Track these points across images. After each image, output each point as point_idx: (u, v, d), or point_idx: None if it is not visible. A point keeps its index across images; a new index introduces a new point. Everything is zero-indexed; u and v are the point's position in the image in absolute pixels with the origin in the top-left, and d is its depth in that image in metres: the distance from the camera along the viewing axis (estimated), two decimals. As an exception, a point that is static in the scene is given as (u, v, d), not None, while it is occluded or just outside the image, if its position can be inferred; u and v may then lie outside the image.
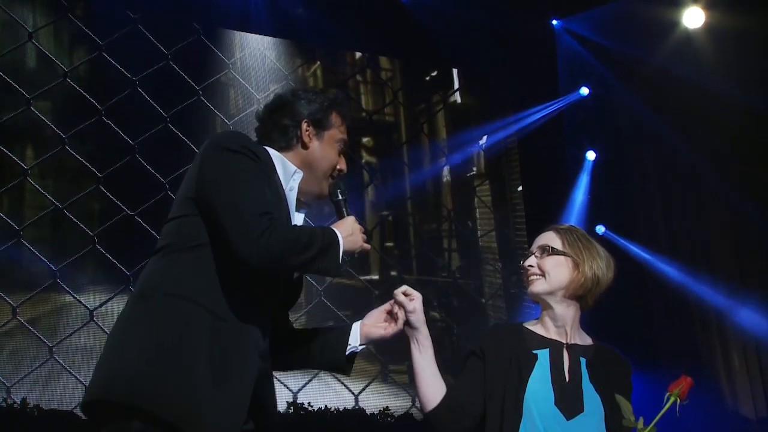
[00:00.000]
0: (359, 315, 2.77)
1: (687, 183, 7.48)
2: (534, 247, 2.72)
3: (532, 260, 2.68)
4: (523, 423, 2.50)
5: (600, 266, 2.63)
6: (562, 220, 7.11)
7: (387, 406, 6.15)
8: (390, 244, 7.34)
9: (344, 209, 2.60)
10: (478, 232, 7.60)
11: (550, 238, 2.70)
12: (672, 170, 7.53)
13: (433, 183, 7.56)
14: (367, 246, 2.53)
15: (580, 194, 7.53)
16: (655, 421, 2.36)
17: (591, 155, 7.63)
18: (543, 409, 2.51)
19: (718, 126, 7.17)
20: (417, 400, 2.70)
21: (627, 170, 7.72)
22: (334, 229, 2.41)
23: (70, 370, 5.01)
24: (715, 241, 7.52)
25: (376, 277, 7.04)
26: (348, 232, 2.44)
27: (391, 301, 2.65)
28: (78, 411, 4.93)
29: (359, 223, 2.54)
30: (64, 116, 5.52)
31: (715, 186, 7.28)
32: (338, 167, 2.63)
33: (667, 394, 2.41)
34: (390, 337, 2.65)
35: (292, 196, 2.53)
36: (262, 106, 2.72)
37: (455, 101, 7.91)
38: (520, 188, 7.72)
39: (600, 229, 7.51)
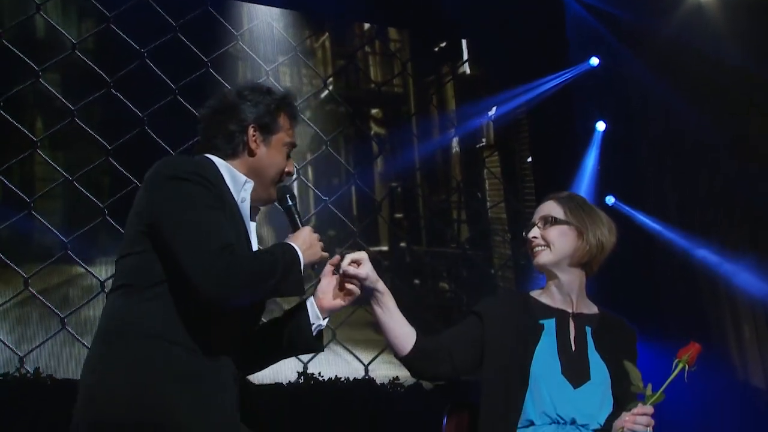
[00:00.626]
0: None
1: (697, 154, 7.46)
2: (536, 218, 2.70)
3: (535, 231, 2.67)
4: (530, 392, 2.52)
5: (603, 232, 2.64)
6: (571, 190, 7.10)
7: (396, 376, 6.17)
8: (399, 215, 7.35)
9: (296, 215, 2.53)
10: (488, 203, 7.63)
11: (551, 207, 2.69)
12: (682, 141, 7.51)
13: (442, 154, 7.57)
14: (326, 254, 2.47)
15: (589, 165, 7.52)
16: (663, 387, 2.38)
17: (601, 126, 7.61)
18: (549, 379, 2.52)
19: (729, 97, 7.14)
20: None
21: (637, 141, 7.71)
22: (293, 245, 2.34)
23: (82, 341, 5.05)
24: (725, 211, 7.52)
25: (385, 248, 7.06)
26: (306, 245, 2.38)
27: (334, 261, 2.57)
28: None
29: (316, 231, 2.48)
30: (73, 88, 5.53)
31: (727, 157, 7.26)
32: (287, 170, 2.53)
33: (676, 360, 2.42)
34: (351, 304, 2.61)
35: (245, 207, 2.42)
36: (204, 107, 2.57)
37: (464, 72, 7.90)
38: (529, 159, 7.73)
39: (610, 200, 7.51)
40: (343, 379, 5.87)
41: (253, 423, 2.43)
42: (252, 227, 2.50)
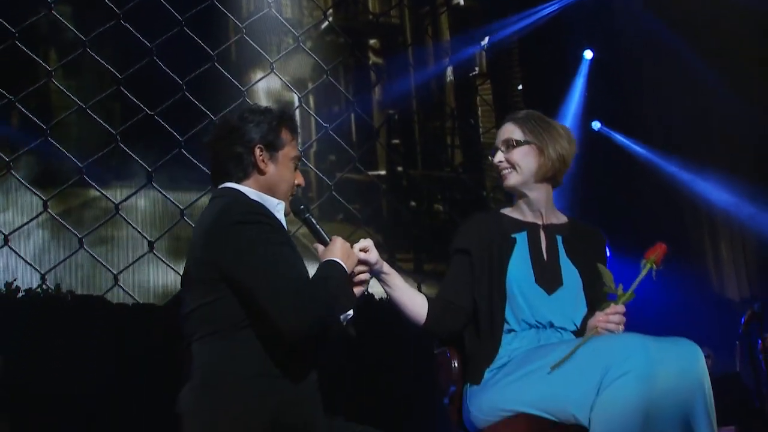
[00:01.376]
0: (367, 208, 2.71)
1: (681, 81, 7.49)
2: (498, 142, 2.67)
3: (499, 156, 2.63)
4: (509, 304, 2.53)
5: (563, 145, 2.61)
6: (559, 116, 7.19)
7: (393, 290, 6.28)
8: (396, 141, 7.44)
9: (317, 226, 2.45)
10: (480, 129, 7.70)
11: (511, 130, 2.64)
12: (667, 69, 7.54)
13: (436, 82, 7.62)
14: (361, 256, 2.45)
15: (577, 92, 7.57)
16: (633, 286, 2.40)
17: (588, 54, 7.64)
18: (525, 289, 2.53)
19: (719, 26, 7.15)
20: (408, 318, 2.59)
21: (623, 69, 7.74)
22: (339, 262, 2.31)
23: (99, 259, 5.15)
24: (706, 137, 7.59)
25: (383, 172, 7.15)
26: (345, 256, 2.34)
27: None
28: (108, 296, 5.13)
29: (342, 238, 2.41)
30: (84, 20, 5.53)
31: (713, 83, 7.29)
32: (297, 183, 2.47)
33: (644, 261, 2.43)
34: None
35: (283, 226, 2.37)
36: (209, 134, 2.52)
37: (458, 3, 7.90)
38: (520, 87, 7.76)
39: (596, 125, 7.59)
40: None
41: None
42: None
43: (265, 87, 6.64)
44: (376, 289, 6.01)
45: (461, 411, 2.56)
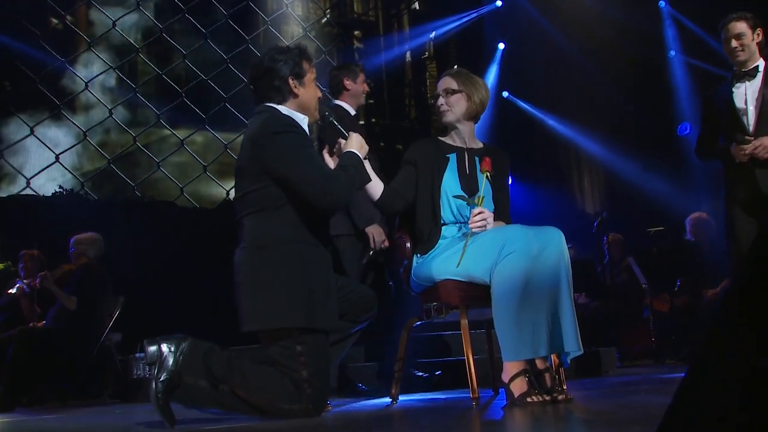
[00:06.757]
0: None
1: (564, 65, 7.51)
2: (439, 90, 2.53)
3: (440, 100, 2.51)
4: (443, 204, 2.48)
5: (482, 94, 2.51)
6: (481, 87, 7.19)
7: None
8: (371, 101, 7.43)
9: (340, 127, 2.35)
10: (428, 95, 7.71)
11: (448, 82, 2.51)
12: (555, 56, 7.53)
13: (399, 61, 7.60)
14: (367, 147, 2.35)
15: (493, 71, 7.58)
16: (480, 193, 2.38)
17: (501, 46, 7.63)
18: (454, 194, 2.46)
19: (586, 25, 7.15)
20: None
21: (525, 56, 7.74)
22: (354, 152, 2.27)
23: (170, 176, 5.17)
24: (582, 102, 7.64)
25: (362, 122, 7.15)
26: (359, 146, 2.28)
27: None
28: (177, 202, 5.17)
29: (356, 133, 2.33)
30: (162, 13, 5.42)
31: (583, 65, 7.33)
32: (319, 96, 2.34)
33: (480, 173, 2.42)
34: None
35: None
36: (251, 72, 2.34)
37: (415, 8, 7.84)
38: (455, 66, 7.76)
39: (505, 94, 7.62)
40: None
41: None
42: None
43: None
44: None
45: (409, 278, 2.52)
